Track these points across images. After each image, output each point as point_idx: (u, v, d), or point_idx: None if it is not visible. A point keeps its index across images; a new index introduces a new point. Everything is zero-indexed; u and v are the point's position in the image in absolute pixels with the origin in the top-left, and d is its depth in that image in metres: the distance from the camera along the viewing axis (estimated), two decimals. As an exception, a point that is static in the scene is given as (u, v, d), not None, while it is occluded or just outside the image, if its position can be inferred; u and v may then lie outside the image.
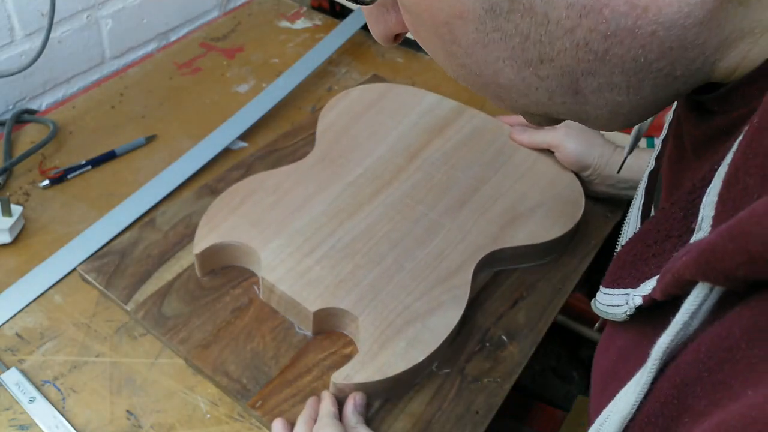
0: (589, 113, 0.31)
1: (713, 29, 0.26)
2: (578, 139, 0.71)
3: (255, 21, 1.04)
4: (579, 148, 0.70)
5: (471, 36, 0.29)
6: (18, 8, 0.78)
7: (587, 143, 0.71)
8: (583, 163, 0.71)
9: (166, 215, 0.69)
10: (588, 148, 0.70)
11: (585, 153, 0.70)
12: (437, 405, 0.56)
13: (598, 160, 0.70)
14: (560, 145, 0.72)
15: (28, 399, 0.53)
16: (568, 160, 0.72)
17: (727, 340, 0.22)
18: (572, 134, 0.71)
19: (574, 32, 0.26)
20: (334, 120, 0.77)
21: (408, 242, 0.64)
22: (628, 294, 0.31)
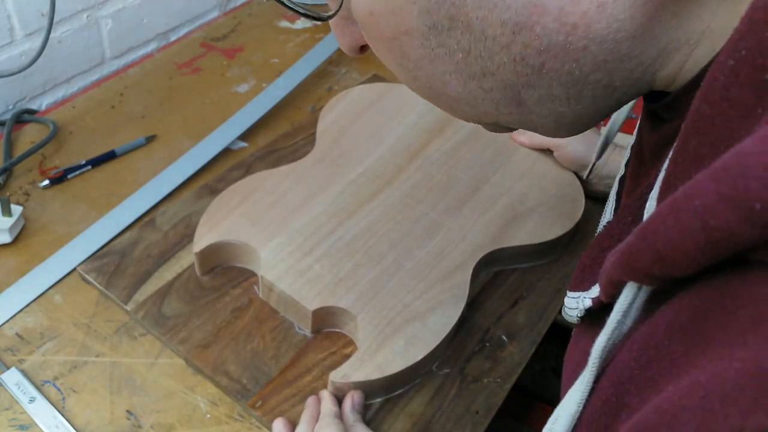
0: (535, 122, 0.32)
1: (648, 41, 0.26)
2: (578, 140, 0.71)
3: (255, 21, 1.04)
4: (579, 148, 0.71)
5: (418, 51, 0.30)
6: (18, 8, 0.78)
7: (587, 143, 0.71)
8: (582, 163, 0.71)
9: (166, 215, 0.69)
10: (587, 148, 0.70)
11: (584, 153, 0.70)
12: (437, 405, 0.56)
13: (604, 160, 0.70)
14: (560, 146, 0.72)
15: (28, 399, 0.53)
16: (567, 160, 0.72)
17: (653, 338, 0.23)
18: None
19: (509, 48, 0.27)
20: (334, 120, 0.77)
21: (408, 241, 0.64)
22: (579, 297, 0.32)
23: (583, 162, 0.71)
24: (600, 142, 0.52)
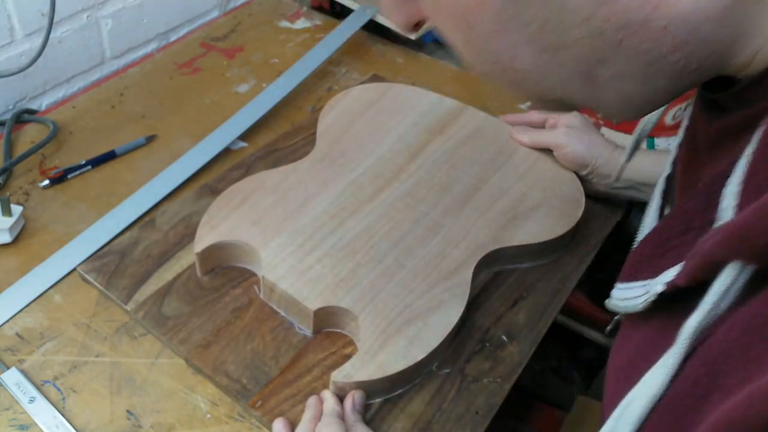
0: (603, 101, 0.32)
1: (729, 25, 0.26)
2: (578, 139, 0.71)
3: (255, 21, 1.04)
4: (579, 148, 0.70)
5: (489, 25, 0.29)
6: (18, 8, 0.78)
7: (587, 143, 0.71)
8: (582, 163, 0.71)
9: (166, 215, 0.69)
10: (588, 148, 0.70)
11: (584, 153, 0.70)
12: (437, 405, 0.56)
13: (597, 159, 0.70)
14: (560, 145, 0.72)
15: (28, 399, 0.53)
16: (567, 160, 0.72)
17: (760, 319, 0.23)
18: (572, 134, 0.71)
19: (589, 21, 0.27)
20: (335, 120, 0.77)
21: (408, 241, 0.64)
22: (647, 284, 0.32)
23: (583, 162, 0.71)
24: (632, 141, 0.52)
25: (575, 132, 0.72)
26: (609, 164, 0.70)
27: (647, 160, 0.67)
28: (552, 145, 0.73)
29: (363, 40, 1.02)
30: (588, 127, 0.73)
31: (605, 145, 0.71)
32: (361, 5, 1.00)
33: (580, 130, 0.72)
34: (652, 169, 0.65)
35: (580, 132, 0.72)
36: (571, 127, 0.72)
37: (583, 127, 0.72)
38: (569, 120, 0.73)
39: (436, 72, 0.97)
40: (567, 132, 0.72)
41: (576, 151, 0.71)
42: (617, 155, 0.69)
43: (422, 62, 0.99)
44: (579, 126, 0.72)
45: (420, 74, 0.96)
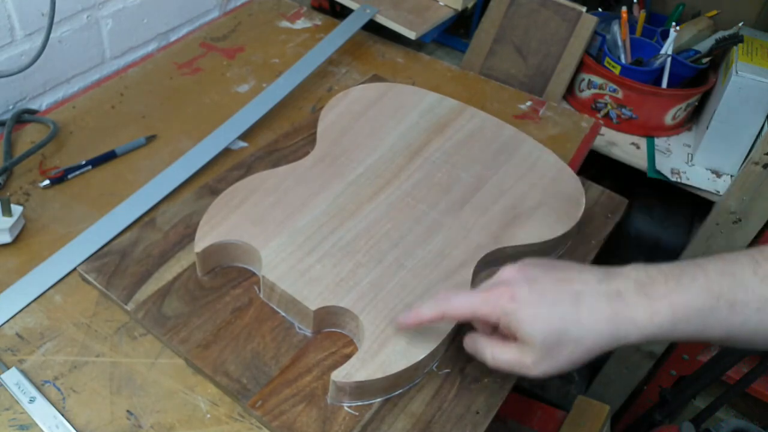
0: None
1: None
2: (561, 359, 0.47)
3: (255, 21, 1.04)
4: (569, 365, 0.48)
5: None
6: (18, 8, 0.78)
7: (579, 355, 0.47)
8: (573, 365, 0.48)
9: (166, 215, 0.69)
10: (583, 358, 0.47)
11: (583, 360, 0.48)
12: (437, 405, 0.56)
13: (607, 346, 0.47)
14: (538, 376, 0.48)
15: (28, 399, 0.53)
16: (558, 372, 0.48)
17: None
18: (545, 360, 0.47)
19: None
20: (335, 119, 0.77)
21: (409, 241, 0.64)
22: None
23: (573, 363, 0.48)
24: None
25: (538, 349, 0.47)
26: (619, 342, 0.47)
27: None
28: (518, 372, 0.49)
29: (363, 40, 1.02)
30: (550, 331, 0.46)
31: (589, 339, 0.46)
32: (361, 5, 1.00)
33: (544, 342, 0.46)
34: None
35: (546, 346, 0.46)
36: (531, 346, 0.47)
37: (548, 338, 0.46)
38: (514, 324, 0.47)
39: (436, 72, 0.97)
40: (531, 358, 0.47)
41: (560, 370, 0.48)
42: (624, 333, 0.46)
43: (422, 62, 0.99)
44: (539, 337, 0.46)
45: (420, 74, 0.96)
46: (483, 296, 0.49)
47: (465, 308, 0.50)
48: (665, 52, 1.00)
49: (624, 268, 0.48)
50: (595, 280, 0.48)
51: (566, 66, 1.01)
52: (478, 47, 1.05)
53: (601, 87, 1.03)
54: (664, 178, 0.99)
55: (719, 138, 1.00)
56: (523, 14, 1.02)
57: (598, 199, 0.77)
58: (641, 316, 0.45)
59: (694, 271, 0.46)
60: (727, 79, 0.96)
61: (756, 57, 0.97)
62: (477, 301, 0.49)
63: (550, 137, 0.87)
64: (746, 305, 0.44)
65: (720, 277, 0.45)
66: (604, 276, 0.48)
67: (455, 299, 0.50)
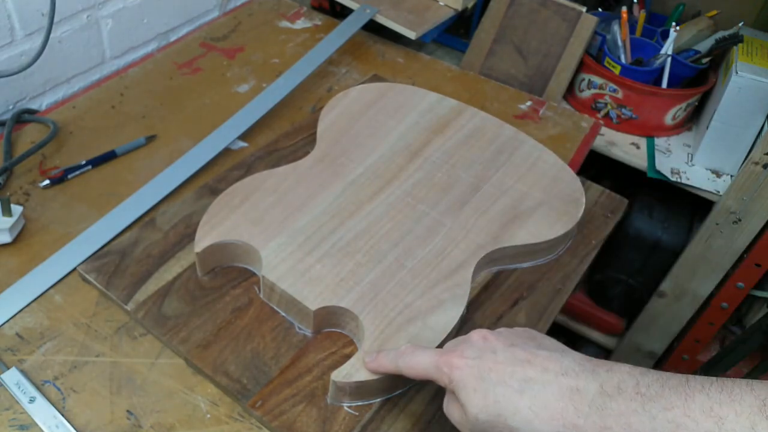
0: None
1: None
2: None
3: (255, 21, 1.04)
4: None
5: None
6: (18, 8, 0.78)
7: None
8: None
9: (166, 215, 0.69)
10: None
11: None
12: (437, 405, 0.56)
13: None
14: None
15: (28, 399, 0.53)
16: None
17: None
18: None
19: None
20: (335, 119, 0.77)
21: (409, 241, 0.64)
22: None
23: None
24: None
25: (474, 425, 0.44)
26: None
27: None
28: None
29: (363, 40, 1.02)
30: (491, 392, 0.43)
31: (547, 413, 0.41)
32: (361, 5, 1.00)
33: (485, 404, 0.43)
34: None
35: (486, 412, 0.43)
36: (469, 405, 0.43)
37: (488, 397, 0.43)
38: (455, 378, 0.45)
39: (436, 72, 0.97)
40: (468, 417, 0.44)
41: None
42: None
43: (422, 62, 0.99)
44: (480, 397, 0.43)
45: (420, 74, 0.96)
46: (436, 360, 0.47)
47: (419, 369, 0.48)
48: (665, 52, 1.00)
49: (619, 365, 0.41)
50: (560, 370, 0.41)
51: (566, 66, 1.01)
52: (478, 47, 1.05)
53: (601, 87, 1.03)
54: (664, 178, 0.99)
55: (719, 138, 1.00)
56: (523, 14, 1.02)
57: (598, 199, 0.77)
58: (588, 429, 0.39)
59: (675, 398, 0.37)
60: (727, 79, 0.96)
61: (756, 57, 0.97)
62: (430, 365, 0.47)
63: (550, 137, 0.87)
64: None
65: (702, 417, 0.36)
66: (579, 368, 0.41)
67: (412, 358, 0.49)
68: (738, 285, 1.04)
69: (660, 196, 1.14)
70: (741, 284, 1.04)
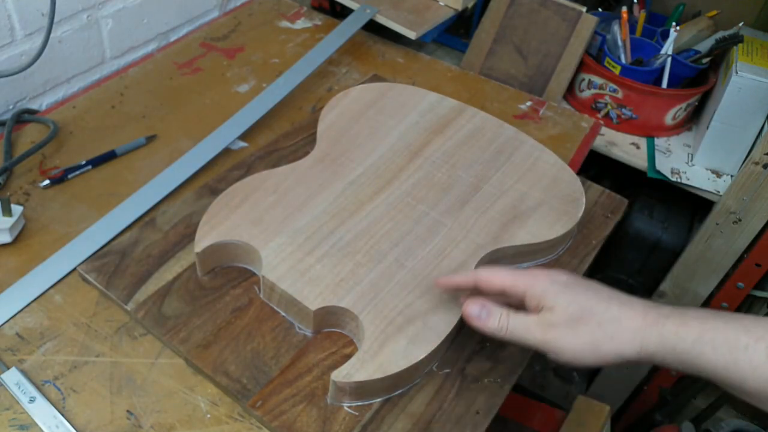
0: None
1: None
2: (585, 340, 0.48)
3: (255, 21, 1.04)
4: (593, 355, 0.48)
5: None
6: (18, 8, 0.78)
7: (605, 344, 0.48)
8: (608, 365, 0.49)
9: (166, 215, 0.69)
10: (610, 352, 0.48)
11: (608, 359, 0.48)
12: (437, 405, 0.56)
13: (638, 356, 0.48)
14: (557, 353, 0.49)
15: (28, 399, 0.53)
16: (583, 365, 0.49)
17: None
18: (568, 328, 0.49)
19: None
20: (335, 119, 0.77)
21: (409, 241, 0.64)
22: None
23: (593, 360, 0.49)
24: None
25: (563, 320, 0.49)
26: (650, 357, 0.47)
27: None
28: (534, 346, 0.51)
29: (363, 40, 1.02)
30: (578, 302, 0.49)
31: (625, 329, 0.48)
32: (361, 5, 1.00)
33: (571, 314, 0.49)
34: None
35: (573, 319, 0.48)
36: (553, 312, 0.49)
37: (572, 307, 0.49)
38: (539, 294, 0.50)
39: (436, 72, 0.97)
40: (552, 327, 0.49)
41: (578, 359, 0.49)
42: (656, 337, 0.47)
43: (422, 62, 0.99)
44: (563, 306, 0.49)
45: (420, 74, 0.96)
46: (520, 272, 0.52)
47: (499, 279, 0.52)
48: (665, 52, 1.00)
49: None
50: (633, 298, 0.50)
51: (566, 66, 1.01)
52: (478, 47, 1.05)
53: (601, 87, 1.03)
54: (664, 178, 0.99)
55: (719, 138, 1.00)
56: (523, 14, 1.02)
57: (598, 199, 0.77)
58: (669, 328, 0.47)
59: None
60: (727, 79, 0.96)
61: (756, 57, 0.97)
62: (507, 278, 0.52)
63: (550, 137, 0.87)
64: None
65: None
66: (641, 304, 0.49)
67: (490, 273, 0.53)
68: (738, 285, 1.04)
69: (660, 196, 1.14)
70: (741, 284, 1.04)
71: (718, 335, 0.45)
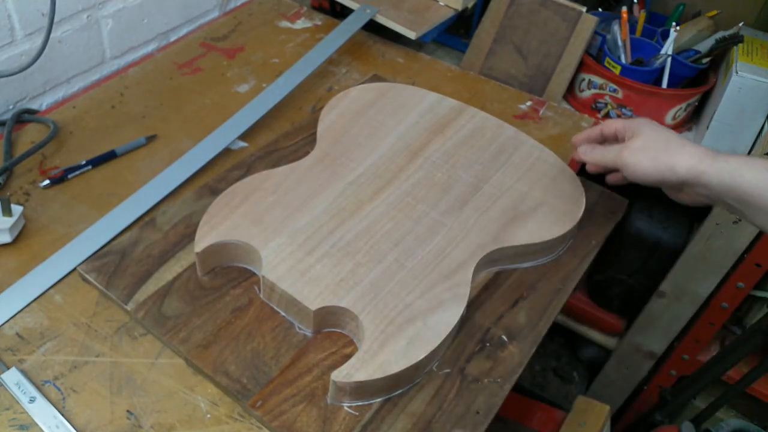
0: None
1: None
2: (644, 155, 0.60)
3: (255, 21, 1.04)
4: (644, 164, 0.60)
5: None
6: (18, 8, 0.78)
7: (653, 157, 0.60)
8: (654, 180, 0.61)
9: (166, 215, 0.69)
10: (654, 163, 0.60)
11: (650, 170, 0.60)
12: (437, 405, 0.56)
13: (687, 173, 0.58)
14: (624, 165, 0.62)
15: (29, 399, 0.53)
16: (636, 179, 0.62)
17: None
18: (637, 149, 0.61)
19: None
20: (335, 119, 0.77)
21: (409, 241, 0.64)
22: None
23: (654, 179, 0.61)
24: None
25: (641, 144, 0.61)
26: (707, 175, 0.58)
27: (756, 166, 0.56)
28: (615, 165, 0.64)
29: (363, 40, 1.02)
30: (660, 134, 0.61)
31: (686, 152, 0.59)
32: (361, 5, 1.00)
33: (653, 139, 0.61)
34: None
35: (652, 142, 0.61)
36: (641, 138, 0.62)
37: (657, 137, 0.61)
38: (641, 134, 0.62)
39: (436, 72, 0.97)
40: (630, 147, 0.62)
41: (640, 169, 0.60)
42: (720, 164, 0.57)
43: (422, 62, 0.99)
44: (651, 137, 0.61)
45: (420, 74, 0.96)
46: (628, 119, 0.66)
47: (614, 123, 0.67)
48: (665, 52, 1.00)
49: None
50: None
51: (566, 66, 1.01)
52: (478, 47, 1.05)
53: (602, 87, 1.03)
54: (664, 178, 0.99)
55: (719, 138, 0.99)
56: (523, 14, 1.02)
57: (598, 199, 0.77)
58: (732, 159, 0.57)
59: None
60: (727, 79, 0.96)
61: (756, 57, 0.97)
62: (623, 121, 0.66)
63: (550, 137, 0.87)
64: None
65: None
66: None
67: (610, 120, 0.68)
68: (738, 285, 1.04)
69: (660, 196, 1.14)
70: (741, 284, 1.04)
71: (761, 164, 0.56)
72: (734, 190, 0.56)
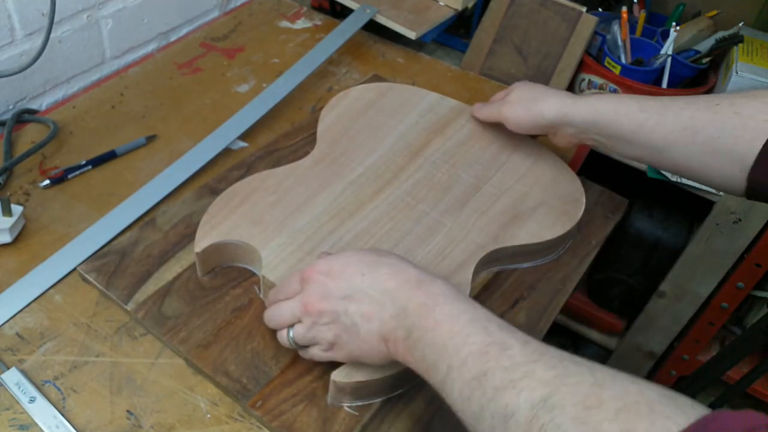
0: None
1: None
2: (520, 105, 0.69)
3: (255, 21, 1.04)
4: (519, 112, 0.69)
5: None
6: (18, 8, 0.78)
7: (526, 105, 0.69)
8: (531, 125, 0.69)
9: (166, 215, 0.69)
10: (527, 109, 0.69)
11: (526, 115, 0.69)
12: (437, 405, 0.55)
13: (554, 116, 0.66)
14: (505, 118, 0.71)
15: (28, 399, 0.53)
16: (518, 128, 0.71)
17: None
18: (515, 102, 0.70)
19: None
20: (335, 119, 0.77)
21: (409, 241, 0.64)
22: None
23: (531, 124, 0.69)
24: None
25: (515, 97, 0.71)
26: (570, 117, 0.66)
27: (614, 102, 0.63)
28: (498, 117, 0.72)
29: (363, 40, 1.02)
30: (531, 89, 0.70)
31: (551, 99, 0.67)
32: (361, 5, 1.00)
33: (525, 93, 0.70)
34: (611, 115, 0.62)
35: (524, 95, 0.70)
36: (517, 91, 0.71)
37: (528, 91, 0.70)
38: (515, 90, 0.72)
39: (436, 72, 0.97)
40: (507, 101, 0.71)
41: (516, 118, 0.70)
42: (580, 106, 0.65)
43: (422, 62, 0.99)
44: (524, 91, 0.71)
45: (420, 74, 0.96)
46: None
47: (502, 92, 0.76)
48: (665, 52, 1.00)
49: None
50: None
51: (566, 66, 1.01)
52: (478, 47, 1.05)
53: (602, 87, 1.03)
54: (664, 179, 0.99)
55: (719, 138, 0.99)
56: (523, 14, 1.02)
57: (598, 199, 0.77)
58: (591, 97, 0.64)
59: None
60: (727, 79, 0.96)
61: (756, 57, 0.97)
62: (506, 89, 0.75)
63: (550, 137, 0.87)
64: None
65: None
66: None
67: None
68: (738, 285, 1.04)
69: (660, 196, 1.14)
70: (741, 284, 1.04)
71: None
72: (595, 124, 0.63)
